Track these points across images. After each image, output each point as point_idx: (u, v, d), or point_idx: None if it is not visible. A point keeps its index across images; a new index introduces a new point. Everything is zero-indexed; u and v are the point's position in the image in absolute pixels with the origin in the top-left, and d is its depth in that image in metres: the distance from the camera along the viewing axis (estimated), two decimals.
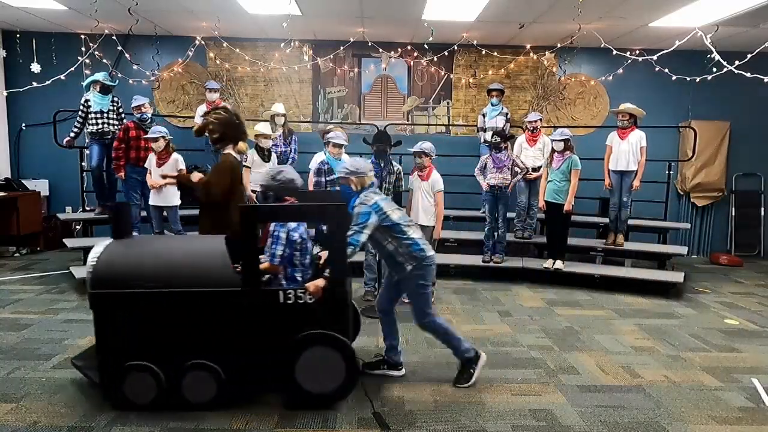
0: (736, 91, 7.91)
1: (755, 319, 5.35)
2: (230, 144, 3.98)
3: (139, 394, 3.20)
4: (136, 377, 3.18)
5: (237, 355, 3.20)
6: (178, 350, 3.19)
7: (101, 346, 3.24)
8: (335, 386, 3.23)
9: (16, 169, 8.22)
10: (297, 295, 3.19)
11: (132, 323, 3.20)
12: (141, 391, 3.19)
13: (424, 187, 5.36)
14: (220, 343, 3.21)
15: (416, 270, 3.50)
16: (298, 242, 3.46)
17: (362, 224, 3.34)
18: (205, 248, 3.39)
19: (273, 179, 3.56)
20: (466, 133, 8.43)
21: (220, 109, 4.09)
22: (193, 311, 3.19)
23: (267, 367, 3.19)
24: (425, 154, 5.34)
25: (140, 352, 3.20)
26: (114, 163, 6.17)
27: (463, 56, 8.29)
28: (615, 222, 6.58)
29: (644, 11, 6.23)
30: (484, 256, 6.55)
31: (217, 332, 3.21)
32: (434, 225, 5.40)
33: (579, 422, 3.21)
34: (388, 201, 3.59)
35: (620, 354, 4.32)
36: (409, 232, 3.51)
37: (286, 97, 8.26)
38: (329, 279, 3.20)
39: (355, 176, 3.53)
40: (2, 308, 5.11)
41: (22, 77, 7.47)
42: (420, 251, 3.50)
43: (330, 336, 3.18)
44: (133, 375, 3.18)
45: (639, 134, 6.30)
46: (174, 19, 7.08)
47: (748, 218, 8.64)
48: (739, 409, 3.44)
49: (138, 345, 3.21)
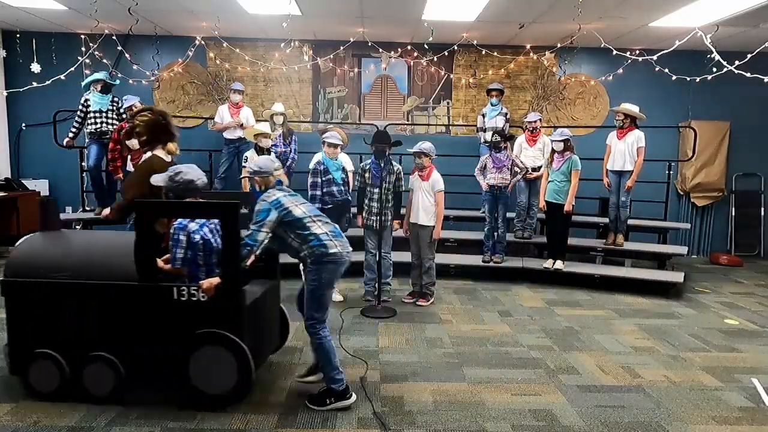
0: (736, 91, 7.91)
1: (755, 319, 5.35)
2: (159, 145, 3.89)
3: (42, 382, 3.29)
4: (41, 365, 3.27)
5: (135, 350, 3.23)
6: (81, 341, 3.26)
7: (11, 333, 3.37)
8: (228, 388, 3.20)
9: (16, 169, 8.21)
10: (191, 292, 3.19)
11: (39, 312, 3.30)
12: (45, 379, 3.28)
13: (425, 187, 5.38)
14: (119, 336, 3.26)
15: (312, 265, 3.27)
16: (201, 243, 3.36)
17: (260, 222, 3.21)
18: (123, 244, 3.40)
19: (171, 180, 3.36)
20: (466, 133, 8.42)
21: (146, 110, 3.99)
22: (94, 303, 3.26)
23: (163, 364, 3.20)
24: (425, 155, 5.34)
25: (46, 340, 3.28)
26: (111, 165, 6.17)
27: (463, 56, 8.29)
28: (615, 222, 6.58)
29: (644, 11, 6.23)
30: (484, 256, 6.55)
31: (117, 325, 3.26)
32: (434, 225, 5.41)
33: (579, 422, 3.21)
34: (293, 197, 3.40)
35: (620, 354, 4.32)
36: (312, 227, 3.28)
37: (286, 97, 8.26)
38: (224, 278, 3.17)
39: (258, 176, 3.42)
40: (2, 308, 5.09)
41: (22, 77, 7.47)
42: (320, 247, 3.24)
43: (222, 336, 3.15)
44: (38, 363, 3.28)
45: (637, 135, 6.30)
46: (174, 19, 7.08)
47: (748, 218, 8.64)
48: (739, 409, 3.44)
49: (44, 333, 3.29)
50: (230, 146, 7.07)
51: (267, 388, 3.55)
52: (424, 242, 5.46)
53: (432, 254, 5.52)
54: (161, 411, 3.20)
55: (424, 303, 5.52)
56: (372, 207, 5.37)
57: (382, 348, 4.32)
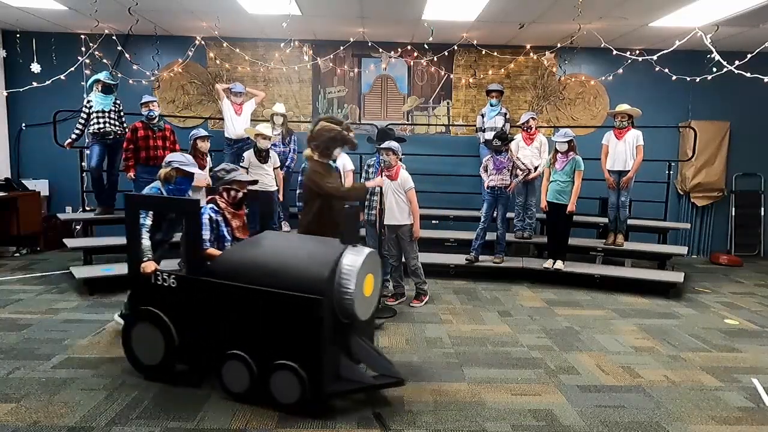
0: (736, 91, 7.91)
1: (755, 319, 5.35)
2: (327, 152, 4.23)
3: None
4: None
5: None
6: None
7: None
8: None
9: (16, 169, 8.21)
10: None
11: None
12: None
13: (394, 187, 5.28)
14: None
15: None
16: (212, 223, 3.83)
17: None
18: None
19: (218, 175, 3.94)
20: (466, 133, 8.42)
21: (329, 120, 4.28)
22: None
23: None
24: (393, 152, 5.26)
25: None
26: (124, 164, 6.19)
27: (463, 56, 8.29)
28: (615, 222, 6.58)
29: (644, 11, 6.23)
30: (468, 255, 6.50)
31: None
32: (412, 222, 5.34)
33: (579, 422, 3.21)
34: None
35: (620, 354, 4.32)
36: None
37: (286, 97, 8.26)
38: None
39: None
40: (2, 308, 5.11)
41: (22, 77, 7.47)
42: None
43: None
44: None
45: (635, 133, 6.31)
46: (174, 19, 7.08)
47: (748, 218, 8.64)
48: (739, 409, 3.44)
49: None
50: (233, 146, 7.06)
51: None
52: (404, 242, 5.36)
53: (415, 253, 5.42)
54: (161, 411, 3.21)
55: (417, 303, 5.49)
56: (372, 202, 5.36)
57: (382, 348, 4.32)
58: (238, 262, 3.39)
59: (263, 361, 3.20)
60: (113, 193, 6.81)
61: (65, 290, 5.75)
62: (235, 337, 3.29)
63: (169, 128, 6.42)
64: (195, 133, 5.89)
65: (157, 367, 3.54)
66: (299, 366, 3.11)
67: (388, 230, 5.37)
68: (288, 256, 3.36)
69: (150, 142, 6.11)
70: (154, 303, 3.52)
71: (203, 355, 3.44)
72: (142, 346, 3.58)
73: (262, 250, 3.46)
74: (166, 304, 3.50)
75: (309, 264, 3.25)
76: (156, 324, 3.49)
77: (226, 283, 3.30)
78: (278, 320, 3.17)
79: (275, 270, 3.26)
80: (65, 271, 6.37)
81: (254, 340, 3.25)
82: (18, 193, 7.50)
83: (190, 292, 3.43)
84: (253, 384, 3.24)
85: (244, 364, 3.24)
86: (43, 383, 3.55)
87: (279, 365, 3.16)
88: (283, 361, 3.14)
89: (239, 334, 3.29)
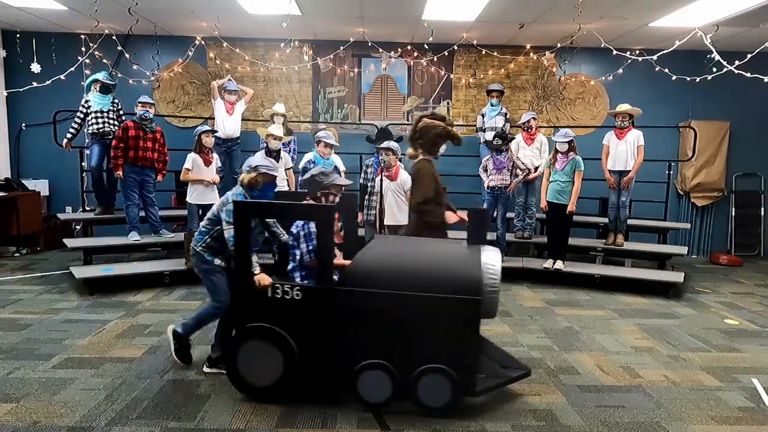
0: (736, 91, 7.91)
1: (755, 319, 5.35)
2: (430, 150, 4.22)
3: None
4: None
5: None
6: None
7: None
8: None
9: (16, 169, 8.22)
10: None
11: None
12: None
13: (393, 188, 5.29)
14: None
15: None
16: None
17: None
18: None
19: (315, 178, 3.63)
20: (466, 133, 8.40)
21: (433, 116, 4.23)
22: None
23: None
24: (392, 152, 5.27)
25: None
26: (112, 162, 6.15)
27: (463, 56, 8.29)
28: (615, 222, 6.58)
29: (644, 11, 6.23)
30: None
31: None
32: None
33: (579, 422, 3.21)
34: None
35: (620, 354, 4.32)
36: None
37: (286, 97, 8.26)
38: None
39: None
40: (2, 308, 5.11)
41: (22, 77, 7.47)
42: None
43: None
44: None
45: (636, 133, 6.32)
46: (174, 19, 7.08)
47: (748, 218, 8.64)
48: (739, 409, 3.44)
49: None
50: (222, 146, 7.05)
51: None
52: None
53: None
54: (161, 411, 3.21)
55: None
56: (372, 201, 5.36)
57: None
58: (376, 269, 3.27)
59: (408, 367, 3.15)
60: (113, 193, 6.81)
61: (65, 290, 5.75)
62: (374, 346, 3.19)
63: (160, 130, 6.31)
64: (200, 128, 5.90)
65: (273, 387, 3.29)
66: (451, 368, 3.11)
67: (388, 230, 5.37)
68: (430, 260, 3.32)
69: (140, 143, 6.04)
70: (269, 318, 3.25)
71: (330, 369, 3.26)
72: (254, 366, 3.28)
73: (398, 255, 3.40)
74: (284, 318, 3.24)
75: (457, 266, 3.25)
76: (273, 341, 3.23)
77: (377, 291, 3.15)
78: (429, 323, 3.14)
79: (423, 274, 3.21)
80: (65, 271, 6.37)
81: (398, 346, 3.17)
82: (18, 193, 7.50)
83: (318, 304, 3.21)
84: (395, 392, 3.18)
85: (385, 373, 3.17)
86: (43, 383, 3.55)
87: (428, 369, 3.13)
88: (433, 364, 3.12)
89: (379, 343, 3.19)
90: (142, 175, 6.14)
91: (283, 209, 3.52)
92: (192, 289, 5.80)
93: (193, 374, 3.72)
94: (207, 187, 5.86)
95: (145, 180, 6.18)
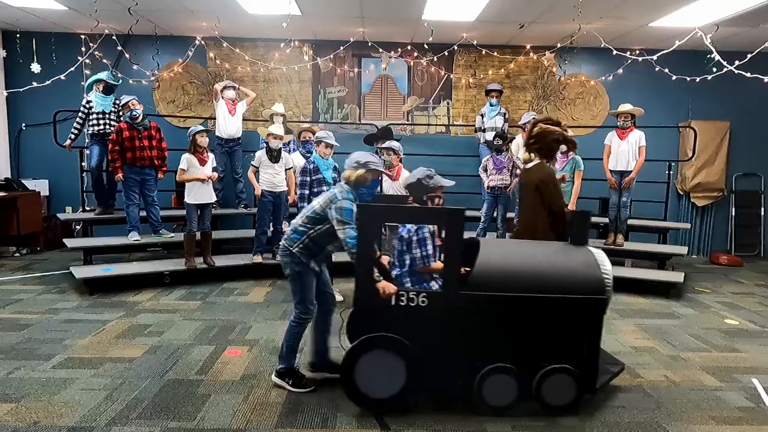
0: (736, 91, 7.91)
1: (755, 319, 5.35)
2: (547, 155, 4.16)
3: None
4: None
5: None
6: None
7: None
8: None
9: (16, 169, 8.22)
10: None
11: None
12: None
13: (395, 187, 5.29)
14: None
15: None
16: None
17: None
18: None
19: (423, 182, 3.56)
20: (466, 133, 8.42)
21: (548, 121, 4.18)
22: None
23: None
24: (394, 152, 5.26)
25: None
26: (111, 166, 6.16)
27: (463, 56, 8.29)
28: (615, 222, 6.58)
29: (644, 11, 6.23)
30: None
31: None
32: None
33: (579, 422, 3.21)
34: None
35: (620, 354, 4.31)
36: None
37: (286, 97, 8.26)
38: None
39: None
40: (2, 308, 5.11)
41: (22, 77, 7.47)
42: None
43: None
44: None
45: (638, 134, 6.31)
46: (174, 19, 7.08)
47: (748, 218, 8.64)
48: (739, 409, 3.44)
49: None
50: (224, 146, 7.06)
51: (267, 387, 3.55)
52: None
53: None
54: (161, 411, 3.21)
55: None
56: None
57: None
58: (499, 272, 3.25)
59: (532, 368, 3.18)
60: (114, 193, 6.81)
61: (65, 290, 5.75)
62: (498, 350, 3.20)
63: (155, 126, 6.29)
64: (194, 128, 5.89)
65: (395, 398, 3.18)
66: (574, 366, 3.18)
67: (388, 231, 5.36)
68: (551, 262, 3.37)
69: (136, 143, 6.03)
70: (390, 327, 3.14)
71: (453, 376, 3.22)
72: (372, 378, 3.16)
73: (519, 258, 3.41)
74: (407, 326, 3.14)
75: (578, 267, 3.31)
76: (395, 351, 3.13)
77: (505, 294, 3.14)
78: (554, 324, 3.21)
79: (549, 276, 3.25)
80: (65, 271, 6.36)
81: (522, 348, 3.21)
82: (18, 193, 7.50)
83: (446, 309, 3.15)
84: (521, 394, 3.20)
85: (511, 376, 3.18)
86: (43, 383, 3.55)
87: (553, 369, 3.18)
88: (558, 364, 3.18)
89: (503, 346, 3.21)
90: (142, 175, 6.15)
91: (411, 213, 3.42)
92: (192, 289, 5.80)
93: (193, 374, 3.72)
94: (203, 184, 5.84)
95: (146, 179, 6.19)
